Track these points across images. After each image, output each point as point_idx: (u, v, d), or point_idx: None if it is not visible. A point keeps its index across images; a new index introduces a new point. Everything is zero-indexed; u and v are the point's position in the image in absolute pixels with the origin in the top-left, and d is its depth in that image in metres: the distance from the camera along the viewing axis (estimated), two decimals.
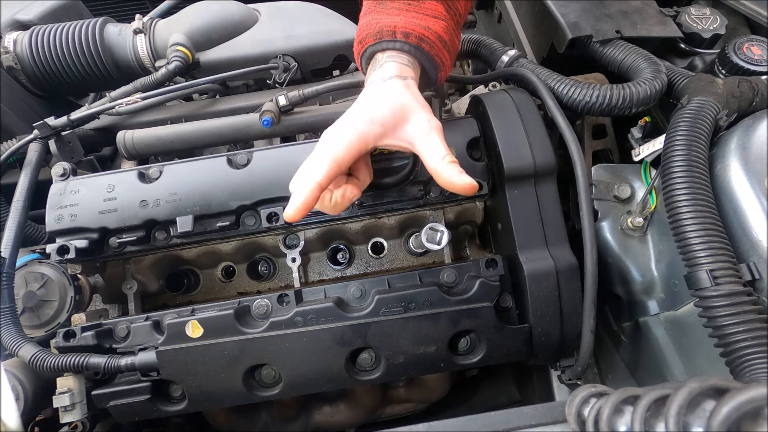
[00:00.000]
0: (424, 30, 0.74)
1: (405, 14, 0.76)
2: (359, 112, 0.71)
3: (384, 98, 0.70)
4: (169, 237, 0.85)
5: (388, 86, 0.71)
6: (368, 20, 0.78)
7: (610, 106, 0.86)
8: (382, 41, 0.74)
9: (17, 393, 0.81)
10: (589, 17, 1.00)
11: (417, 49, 0.74)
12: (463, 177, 0.66)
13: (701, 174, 0.70)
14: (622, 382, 0.97)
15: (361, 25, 0.79)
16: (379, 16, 0.77)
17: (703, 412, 0.39)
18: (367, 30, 0.77)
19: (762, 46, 0.94)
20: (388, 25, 0.74)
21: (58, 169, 0.88)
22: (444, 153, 0.67)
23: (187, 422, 1.13)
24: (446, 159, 0.66)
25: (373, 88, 0.72)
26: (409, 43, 0.74)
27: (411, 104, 0.70)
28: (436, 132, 0.69)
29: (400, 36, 0.74)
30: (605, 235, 0.87)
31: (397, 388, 1.12)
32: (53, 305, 0.90)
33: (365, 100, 0.72)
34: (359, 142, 0.68)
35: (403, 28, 0.74)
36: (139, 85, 1.07)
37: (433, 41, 0.75)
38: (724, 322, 0.62)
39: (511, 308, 0.82)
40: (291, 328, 0.78)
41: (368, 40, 0.76)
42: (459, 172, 0.66)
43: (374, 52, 0.76)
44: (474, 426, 0.60)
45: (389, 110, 0.69)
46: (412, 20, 0.75)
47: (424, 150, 0.68)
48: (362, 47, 0.78)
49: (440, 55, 0.77)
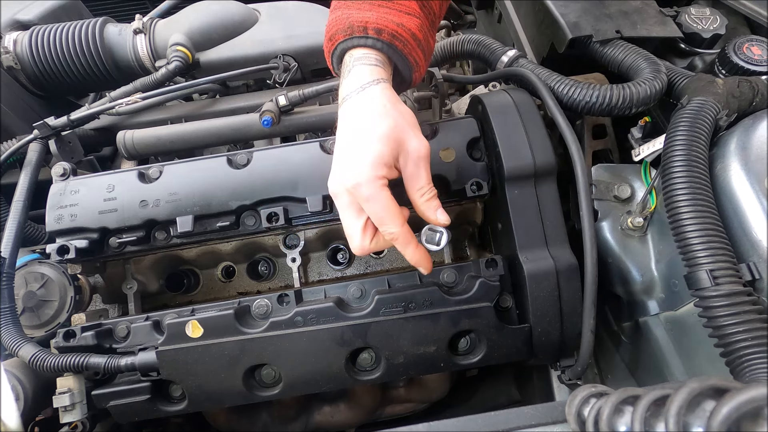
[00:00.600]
0: (398, 27, 0.70)
1: (377, 9, 0.71)
2: (366, 158, 0.65)
3: (375, 134, 0.66)
4: (169, 237, 0.85)
5: (367, 108, 0.67)
6: (338, 15, 0.73)
7: (610, 106, 0.86)
8: (353, 37, 0.70)
9: (17, 393, 0.81)
10: (589, 17, 1.00)
11: (390, 47, 0.70)
12: (438, 215, 0.71)
13: (701, 174, 0.70)
14: (622, 382, 0.97)
15: (330, 21, 0.74)
16: (349, 11, 0.72)
17: (703, 412, 0.39)
18: (336, 26, 0.72)
19: (762, 46, 0.94)
20: (358, 20, 0.70)
21: (58, 169, 0.88)
22: (425, 189, 0.70)
23: (187, 422, 1.13)
24: (425, 197, 0.70)
25: (353, 115, 0.68)
26: (381, 40, 0.70)
27: (400, 131, 0.67)
28: (423, 162, 0.69)
29: (372, 32, 0.69)
30: (605, 235, 0.87)
31: (397, 388, 1.12)
32: (53, 305, 0.91)
33: (359, 140, 0.67)
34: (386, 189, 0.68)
35: (375, 24, 0.69)
36: (139, 85, 1.07)
37: (406, 39, 0.71)
38: (724, 322, 0.62)
39: (511, 308, 0.82)
40: (291, 328, 0.78)
41: (338, 36, 0.71)
42: (435, 209, 0.71)
43: (344, 51, 0.72)
44: (474, 426, 0.60)
45: (386, 148, 0.66)
46: (385, 16, 0.70)
47: (408, 180, 0.70)
48: (332, 44, 0.73)
49: (414, 54, 0.74)
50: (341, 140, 0.69)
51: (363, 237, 0.69)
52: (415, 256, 0.70)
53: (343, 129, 0.69)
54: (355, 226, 0.68)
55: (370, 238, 0.69)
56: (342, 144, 0.69)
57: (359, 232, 0.68)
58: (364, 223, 0.68)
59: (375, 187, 0.65)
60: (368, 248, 0.69)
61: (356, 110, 0.68)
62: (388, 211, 0.66)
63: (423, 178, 0.70)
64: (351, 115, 0.69)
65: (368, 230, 0.69)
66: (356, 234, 0.69)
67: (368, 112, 0.67)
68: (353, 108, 0.69)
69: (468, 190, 0.84)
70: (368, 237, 0.69)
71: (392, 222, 0.66)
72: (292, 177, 0.84)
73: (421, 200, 0.70)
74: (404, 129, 0.68)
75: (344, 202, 0.68)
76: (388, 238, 0.68)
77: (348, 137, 0.68)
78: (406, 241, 0.69)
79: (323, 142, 0.86)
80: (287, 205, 0.84)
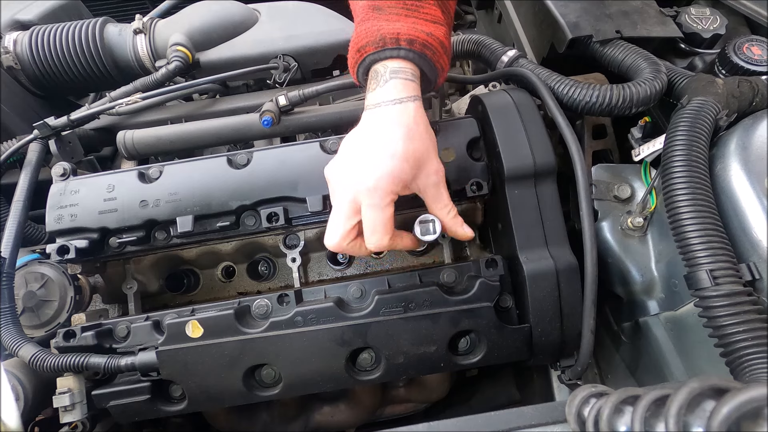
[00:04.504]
0: (428, 36, 0.71)
1: (405, 20, 0.72)
2: (388, 170, 0.67)
3: (403, 151, 0.67)
4: (169, 237, 0.85)
5: (400, 122, 0.68)
6: (366, 27, 0.73)
7: (610, 106, 0.86)
8: (385, 49, 0.70)
9: (17, 393, 0.81)
10: (589, 17, 1.00)
11: (421, 57, 0.71)
12: (465, 229, 0.77)
13: (701, 174, 0.70)
14: (622, 382, 0.97)
15: (358, 33, 0.74)
16: (378, 22, 0.72)
17: (703, 412, 0.39)
18: (367, 38, 0.72)
19: (762, 46, 0.94)
20: (390, 32, 0.70)
21: (58, 169, 0.88)
22: (449, 207, 0.75)
23: (187, 422, 1.13)
24: (451, 214, 0.75)
25: (384, 122, 0.69)
26: (413, 50, 0.70)
27: (423, 152, 0.70)
28: (442, 185, 0.74)
29: (404, 43, 0.70)
30: (605, 235, 0.87)
31: (397, 388, 1.12)
32: (53, 305, 0.90)
33: (385, 150, 0.67)
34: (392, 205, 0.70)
35: (407, 35, 0.70)
36: (139, 85, 1.07)
37: (435, 47, 0.72)
38: (724, 322, 0.62)
39: (511, 308, 0.82)
40: (291, 328, 0.78)
41: (368, 48, 0.71)
42: (461, 224, 0.76)
43: (374, 62, 0.72)
44: (474, 426, 0.60)
45: (408, 167, 0.68)
46: (413, 26, 0.71)
47: (433, 202, 0.74)
48: (360, 56, 0.73)
49: (441, 60, 0.75)
50: (362, 140, 0.70)
51: (345, 237, 0.70)
52: (405, 243, 0.75)
53: (367, 131, 0.70)
54: (344, 224, 0.70)
55: (351, 240, 0.71)
56: (362, 144, 0.69)
57: (346, 230, 0.70)
58: (354, 225, 0.70)
59: (386, 200, 0.67)
60: (342, 248, 0.71)
61: (388, 120, 0.69)
62: (384, 225, 0.68)
63: (445, 197, 0.74)
64: (381, 122, 0.69)
65: (353, 233, 0.70)
66: (341, 231, 0.70)
67: (399, 126, 0.68)
68: (385, 116, 0.69)
69: (468, 190, 0.84)
70: (349, 238, 0.70)
71: (382, 235, 0.69)
72: (292, 177, 0.84)
73: (448, 217, 0.75)
74: (428, 152, 0.71)
75: (346, 198, 0.69)
76: (370, 246, 0.70)
77: (372, 141, 0.69)
78: (390, 246, 0.71)
79: (323, 142, 0.86)
80: (287, 205, 0.84)
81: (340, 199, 0.70)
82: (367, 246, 0.70)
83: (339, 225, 0.70)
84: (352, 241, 0.71)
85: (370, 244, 0.69)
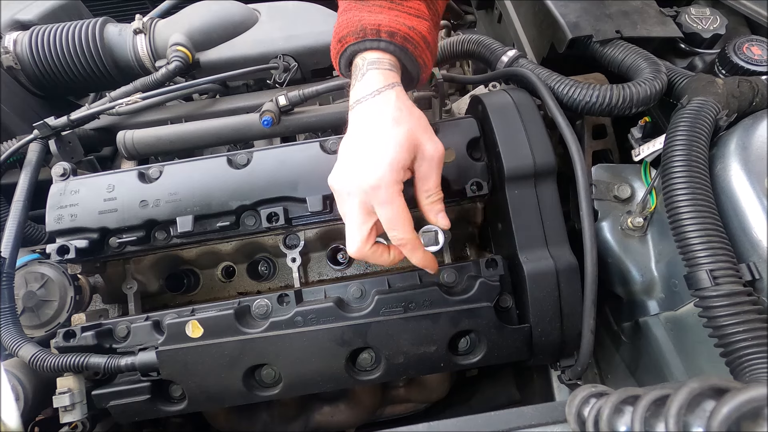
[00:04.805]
0: (409, 30, 0.71)
1: (388, 12, 0.71)
2: (385, 162, 0.66)
3: (394, 138, 0.66)
4: (169, 237, 0.85)
5: (383, 112, 0.67)
6: (348, 17, 0.72)
7: (610, 106, 0.86)
8: (365, 40, 0.70)
9: (17, 393, 0.81)
10: (589, 17, 1.00)
11: (402, 50, 0.71)
12: (439, 218, 0.74)
13: (701, 174, 0.70)
14: (622, 382, 0.97)
15: (340, 23, 0.73)
16: (360, 13, 0.71)
17: (703, 412, 0.39)
18: (347, 28, 0.71)
19: (762, 46, 0.94)
20: (371, 23, 0.70)
21: (58, 169, 0.88)
22: (432, 192, 0.72)
23: (187, 422, 1.13)
24: (431, 198, 0.73)
25: (368, 118, 0.68)
26: (394, 43, 0.70)
27: (416, 134, 0.68)
28: (436, 164, 0.71)
29: (384, 35, 0.69)
30: (605, 235, 0.87)
31: (397, 388, 1.12)
32: (53, 305, 0.90)
33: (376, 144, 0.67)
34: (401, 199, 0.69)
35: (388, 27, 0.69)
36: (139, 85, 1.07)
37: (417, 42, 0.72)
38: (724, 322, 0.62)
39: (511, 308, 0.82)
40: (291, 328, 0.78)
41: (349, 38, 0.71)
42: (437, 212, 0.74)
43: (355, 53, 0.72)
44: (474, 426, 0.60)
45: (404, 151, 0.67)
46: (396, 19, 0.71)
47: (419, 180, 0.72)
48: (341, 46, 0.72)
49: (423, 56, 0.74)
50: (355, 142, 0.69)
51: (366, 241, 0.69)
52: (423, 259, 0.72)
53: (357, 131, 0.69)
54: (361, 229, 0.69)
55: (372, 242, 0.70)
56: (355, 146, 0.69)
57: (364, 235, 0.69)
58: (371, 228, 0.69)
59: (393, 191, 0.66)
60: (366, 254, 0.70)
61: (372, 114, 0.68)
62: (401, 216, 0.67)
63: (432, 181, 0.72)
64: (366, 118, 0.69)
65: (372, 235, 0.70)
66: (360, 237, 0.69)
67: (384, 116, 0.68)
68: (368, 111, 0.69)
69: (468, 190, 0.84)
70: (371, 242, 0.70)
71: (403, 228, 0.68)
72: (292, 177, 0.84)
73: (427, 201, 0.73)
74: (420, 133, 0.69)
75: (355, 203, 0.68)
76: (396, 243, 0.69)
77: (363, 140, 0.68)
78: (414, 247, 0.70)
79: (323, 142, 0.86)
80: (287, 205, 0.84)
81: (350, 205, 0.69)
82: (395, 243, 0.69)
83: (356, 231, 0.69)
84: (373, 245, 0.70)
85: (395, 240, 0.69)
